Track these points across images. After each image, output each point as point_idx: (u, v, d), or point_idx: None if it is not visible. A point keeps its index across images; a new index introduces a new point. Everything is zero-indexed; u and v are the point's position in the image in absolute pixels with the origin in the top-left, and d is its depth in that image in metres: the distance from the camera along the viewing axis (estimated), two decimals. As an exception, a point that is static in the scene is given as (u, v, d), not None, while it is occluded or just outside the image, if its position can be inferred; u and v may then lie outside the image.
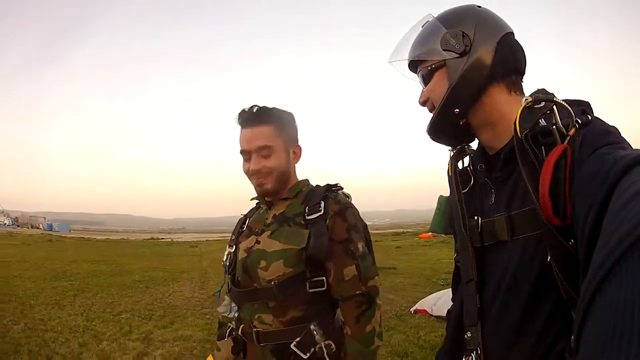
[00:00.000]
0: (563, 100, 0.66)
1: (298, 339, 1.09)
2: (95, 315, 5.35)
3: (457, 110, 0.73)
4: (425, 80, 0.77)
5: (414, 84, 0.83)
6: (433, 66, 0.74)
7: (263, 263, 1.13)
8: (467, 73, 0.71)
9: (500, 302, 0.70)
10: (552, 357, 0.63)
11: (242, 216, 1.37)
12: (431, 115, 0.78)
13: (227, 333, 1.23)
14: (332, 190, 1.20)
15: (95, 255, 15.05)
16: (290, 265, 1.10)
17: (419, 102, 0.81)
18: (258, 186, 1.19)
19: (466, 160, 0.84)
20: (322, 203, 1.13)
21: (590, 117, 0.63)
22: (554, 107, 0.62)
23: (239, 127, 1.20)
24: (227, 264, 1.27)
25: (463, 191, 0.81)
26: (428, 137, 0.80)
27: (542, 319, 0.64)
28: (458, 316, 0.80)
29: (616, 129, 0.62)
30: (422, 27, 0.78)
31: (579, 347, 0.30)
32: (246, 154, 1.18)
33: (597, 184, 0.46)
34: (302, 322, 1.11)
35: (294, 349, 1.09)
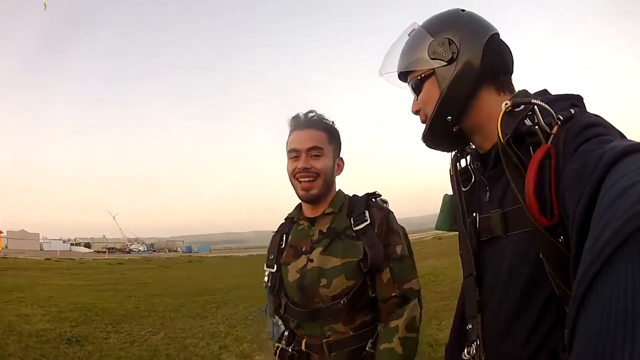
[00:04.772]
0: (553, 95, 0.67)
1: (371, 340, 1.13)
2: (237, 323, 5.52)
3: (450, 117, 0.73)
4: (416, 90, 0.78)
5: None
6: (422, 75, 0.75)
7: (324, 281, 1.13)
8: (455, 80, 0.71)
9: (498, 295, 0.70)
10: (545, 352, 0.63)
11: (275, 234, 1.32)
12: (424, 124, 0.79)
13: (278, 354, 1.23)
14: (371, 199, 1.21)
15: (237, 271, 15.12)
16: (351, 277, 1.12)
17: (412, 112, 0.82)
18: (304, 190, 1.16)
19: (468, 159, 0.84)
20: (367, 212, 1.15)
21: (573, 112, 0.61)
22: (535, 107, 0.62)
23: (288, 131, 1.22)
24: (270, 284, 1.25)
25: (465, 189, 0.82)
26: (423, 144, 0.81)
27: (534, 313, 0.64)
28: (461, 309, 0.81)
29: (602, 118, 0.60)
30: (409, 35, 0.79)
31: (572, 347, 0.30)
32: (296, 152, 1.16)
33: (584, 181, 0.45)
34: (370, 324, 1.16)
35: (370, 350, 1.11)
